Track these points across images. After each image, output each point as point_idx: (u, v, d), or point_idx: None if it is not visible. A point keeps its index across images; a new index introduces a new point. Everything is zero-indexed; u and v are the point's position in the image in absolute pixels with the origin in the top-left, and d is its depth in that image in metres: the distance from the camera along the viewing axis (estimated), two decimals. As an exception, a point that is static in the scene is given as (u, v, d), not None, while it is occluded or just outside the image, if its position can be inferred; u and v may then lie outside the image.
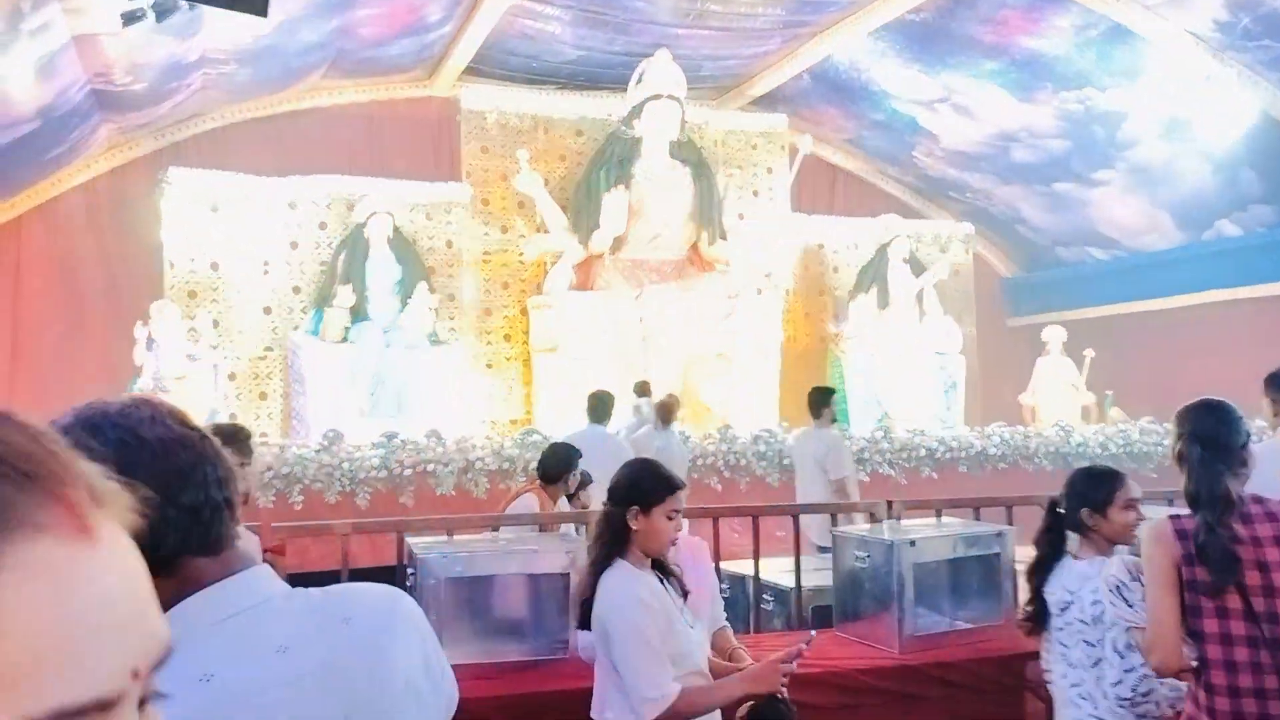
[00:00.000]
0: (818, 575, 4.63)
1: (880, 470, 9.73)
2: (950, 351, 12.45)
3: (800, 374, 12.77)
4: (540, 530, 4.29)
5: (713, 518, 4.66)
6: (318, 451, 8.26)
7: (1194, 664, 2.42)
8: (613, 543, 2.64)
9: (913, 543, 4.17)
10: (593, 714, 2.70)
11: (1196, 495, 2.44)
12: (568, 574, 3.57)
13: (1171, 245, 12.61)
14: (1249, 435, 2.53)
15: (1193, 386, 9.01)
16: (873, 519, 4.60)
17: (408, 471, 8.41)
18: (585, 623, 2.65)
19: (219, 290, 10.50)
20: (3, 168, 9.07)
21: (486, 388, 11.55)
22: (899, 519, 4.66)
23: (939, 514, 4.72)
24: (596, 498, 5.29)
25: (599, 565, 2.63)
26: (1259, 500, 2.44)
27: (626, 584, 2.58)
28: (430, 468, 8.47)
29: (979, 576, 4.37)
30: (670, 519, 2.76)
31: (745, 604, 4.93)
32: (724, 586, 5.15)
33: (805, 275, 13.06)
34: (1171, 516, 2.52)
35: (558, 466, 4.63)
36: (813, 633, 2.93)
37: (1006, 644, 4.20)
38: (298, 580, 3.86)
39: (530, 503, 4.51)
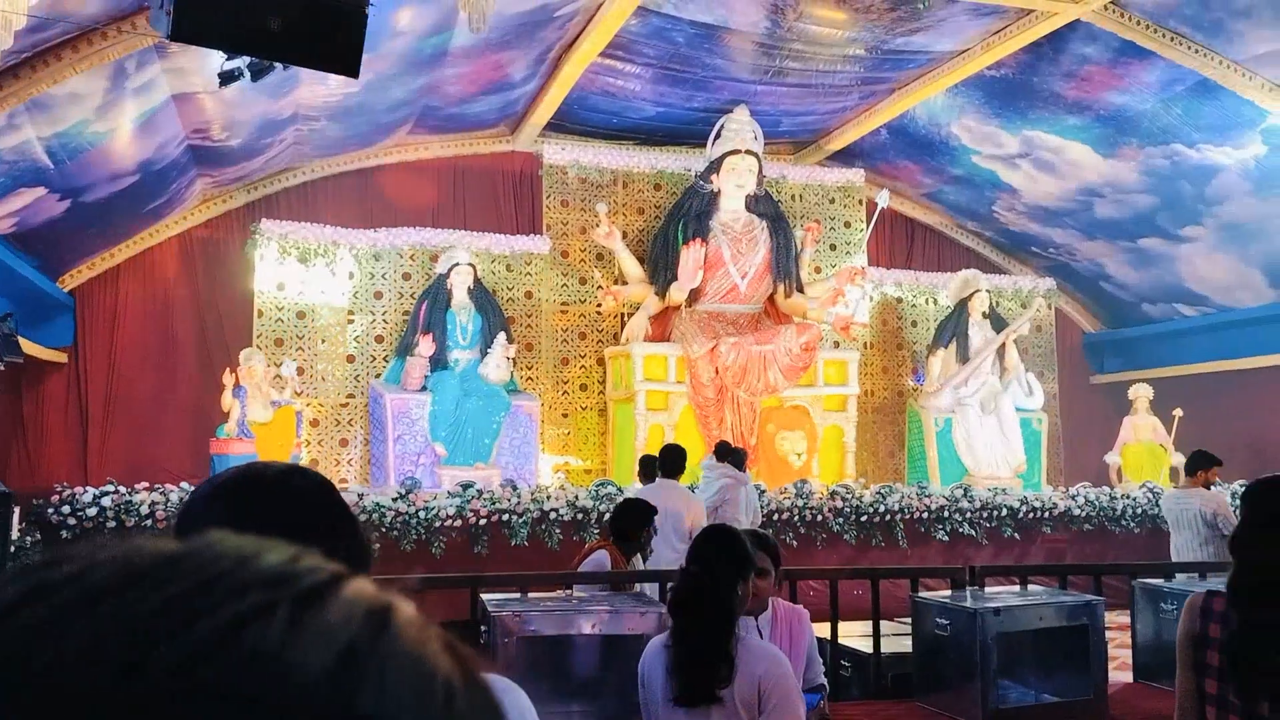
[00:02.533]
0: (897, 641, 4.53)
1: (960, 530, 9.51)
2: (1032, 408, 12.18)
3: (878, 429, 12.66)
4: (612, 589, 4.27)
5: (789, 580, 4.61)
6: (395, 500, 8.38)
7: None
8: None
9: (997, 612, 4.06)
10: None
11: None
12: (644, 635, 3.54)
13: (1263, 303, 12.21)
14: None
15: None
16: (954, 585, 4.50)
17: (483, 522, 8.47)
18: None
19: (305, 339, 10.79)
20: (104, 219, 9.49)
21: (563, 437, 11.63)
22: (981, 586, 4.55)
23: (1024, 581, 4.59)
24: (660, 554, 5.26)
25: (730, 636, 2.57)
26: None
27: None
28: (505, 518, 8.53)
29: (1067, 648, 4.23)
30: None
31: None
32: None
33: (883, 329, 12.95)
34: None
35: (631, 524, 4.62)
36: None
37: (1097, 718, 4.06)
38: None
39: (602, 560, 4.50)
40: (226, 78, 6.78)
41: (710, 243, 11.25)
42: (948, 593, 4.40)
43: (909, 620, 4.42)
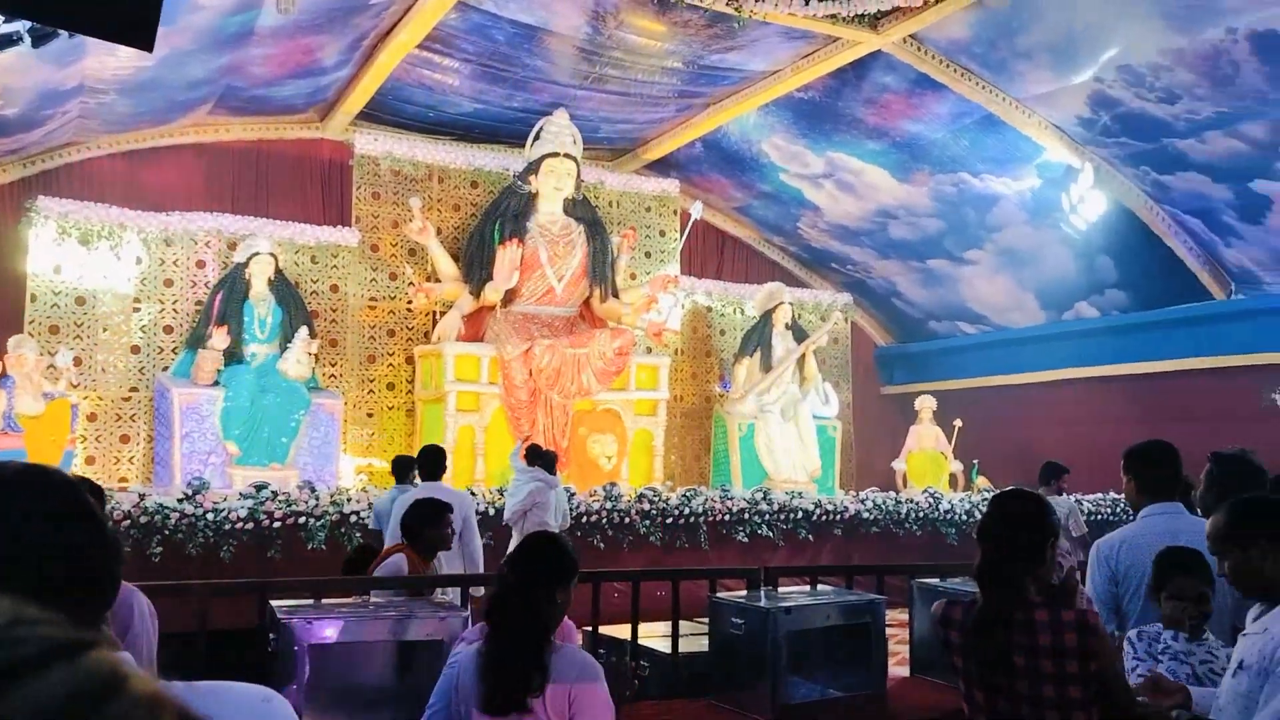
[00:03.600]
0: (696, 641, 4.64)
1: (759, 532, 9.85)
2: (828, 416, 12.77)
3: (686, 433, 12.96)
4: (411, 594, 4.16)
5: (594, 581, 4.64)
6: (180, 501, 7.88)
7: None
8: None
9: (788, 611, 4.23)
10: None
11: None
12: (442, 641, 3.47)
13: (1035, 323, 13.28)
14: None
15: (1049, 456, 9.42)
16: (749, 585, 4.65)
17: (277, 525, 8.10)
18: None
19: (84, 326, 10.03)
20: None
21: (367, 438, 11.29)
22: (775, 586, 4.73)
23: (813, 582, 4.80)
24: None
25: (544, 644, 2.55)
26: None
27: None
28: (302, 521, 8.19)
29: (851, 645, 4.45)
30: None
31: (624, 670, 4.90)
32: (601, 652, 5.12)
33: (693, 336, 13.28)
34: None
35: (424, 523, 4.43)
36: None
37: (878, 713, 4.29)
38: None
39: (399, 564, 4.35)
40: (4, 42, 6.21)
41: (527, 244, 11.20)
42: (744, 593, 4.54)
43: (708, 620, 4.53)
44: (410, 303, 11.33)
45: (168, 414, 9.80)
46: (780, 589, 4.71)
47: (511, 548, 4.84)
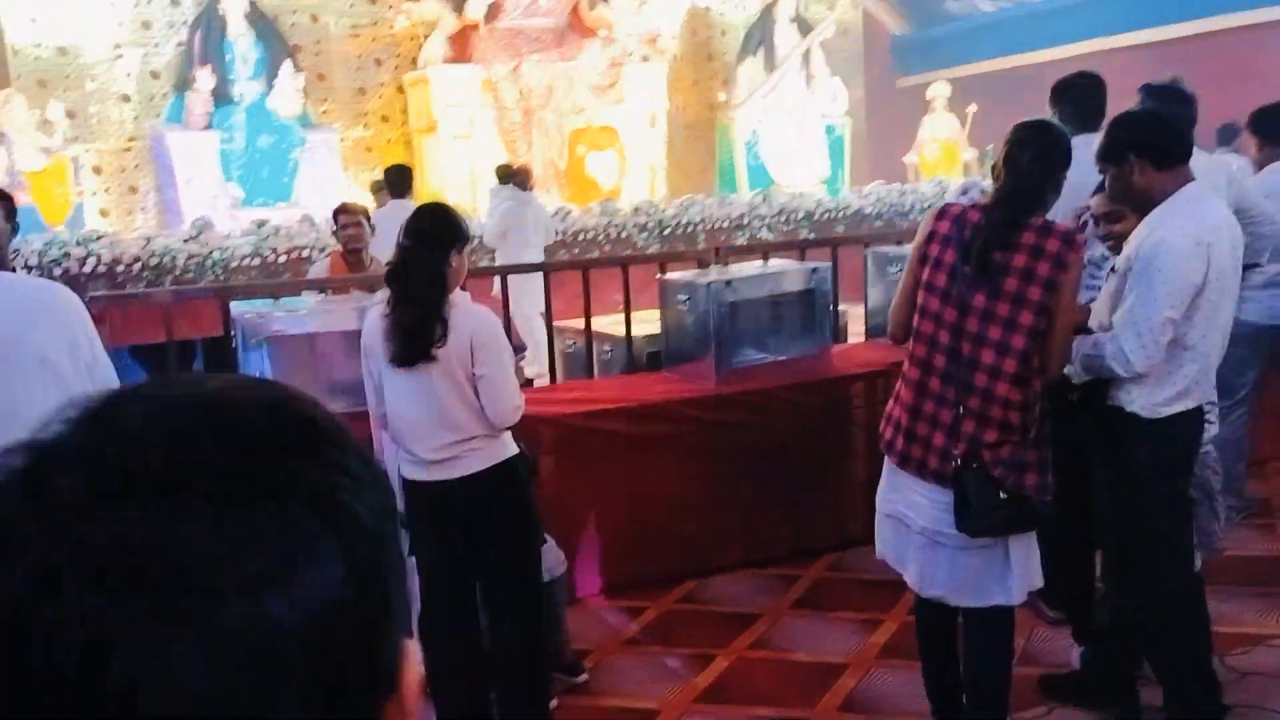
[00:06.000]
0: (651, 325, 4.82)
1: (760, 235, 9.91)
2: (837, 114, 12.44)
3: (689, 145, 12.74)
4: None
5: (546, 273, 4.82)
6: (186, 241, 8.12)
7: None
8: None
9: (728, 283, 4.36)
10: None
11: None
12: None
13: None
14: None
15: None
16: (700, 265, 4.77)
17: (282, 259, 8.35)
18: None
19: (71, 78, 9.96)
20: None
21: (368, 173, 11.31)
22: (725, 264, 4.85)
23: (765, 257, 4.90)
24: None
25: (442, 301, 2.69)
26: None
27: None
28: (305, 254, 8.42)
29: (798, 313, 4.61)
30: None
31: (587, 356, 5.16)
32: (570, 342, 5.38)
33: (693, 40, 12.76)
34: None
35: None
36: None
37: (824, 371, 4.51)
38: (120, 352, 3.90)
39: (323, 266, 4.68)
40: None
41: (506, -49, 10.66)
42: (694, 271, 4.67)
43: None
44: (393, 26, 10.98)
45: (167, 161, 9.89)
46: (731, 266, 4.83)
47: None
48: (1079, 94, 3.66)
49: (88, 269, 7.69)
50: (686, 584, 4.16)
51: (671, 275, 4.62)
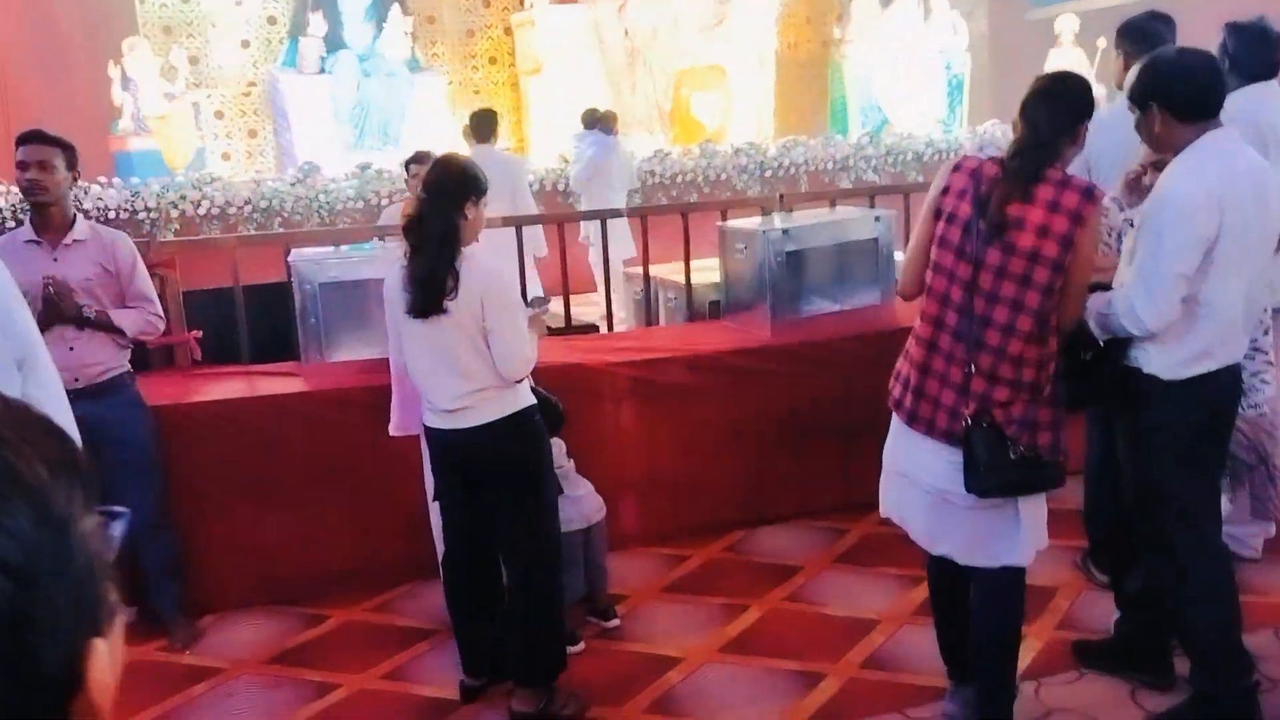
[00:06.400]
0: (714, 273, 4.78)
1: (864, 176, 9.63)
2: (956, 50, 11.89)
3: (801, 84, 12.39)
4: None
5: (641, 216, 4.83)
6: (293, 184, 8.43)
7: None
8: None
9: (785, 231, 4.28)
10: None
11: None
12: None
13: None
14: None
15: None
16: (764, 212, 4.68)
17: (385, 202, 8.57)
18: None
19: (194, 25, 10.38)
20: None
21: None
22: (790, 211, 4.74)
23: (833, 204, 4.77)
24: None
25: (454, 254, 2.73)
26: None
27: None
28: (408, 196, 8.62)
29: (860, 263, 4.49)
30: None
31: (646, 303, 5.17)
32: (638, 290, 5.38)
33: (806, -26, 12.36)
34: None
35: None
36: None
37: (884, 323, 4.39)
38: (191, 297, 4.13)
39: (394, 211, 4.70)
40: None
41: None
42: (754, 219, 4.59)
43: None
44: (501, -33, 11.00)
45: (282, 106, 10.24)
46: (795, 213, 4.72)
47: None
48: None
49: (202, 211, 8.07)
50: (735, 533, 4.16)
51: (731, 223, 4.55)
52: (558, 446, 3.46)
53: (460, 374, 2.76)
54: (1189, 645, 2.68)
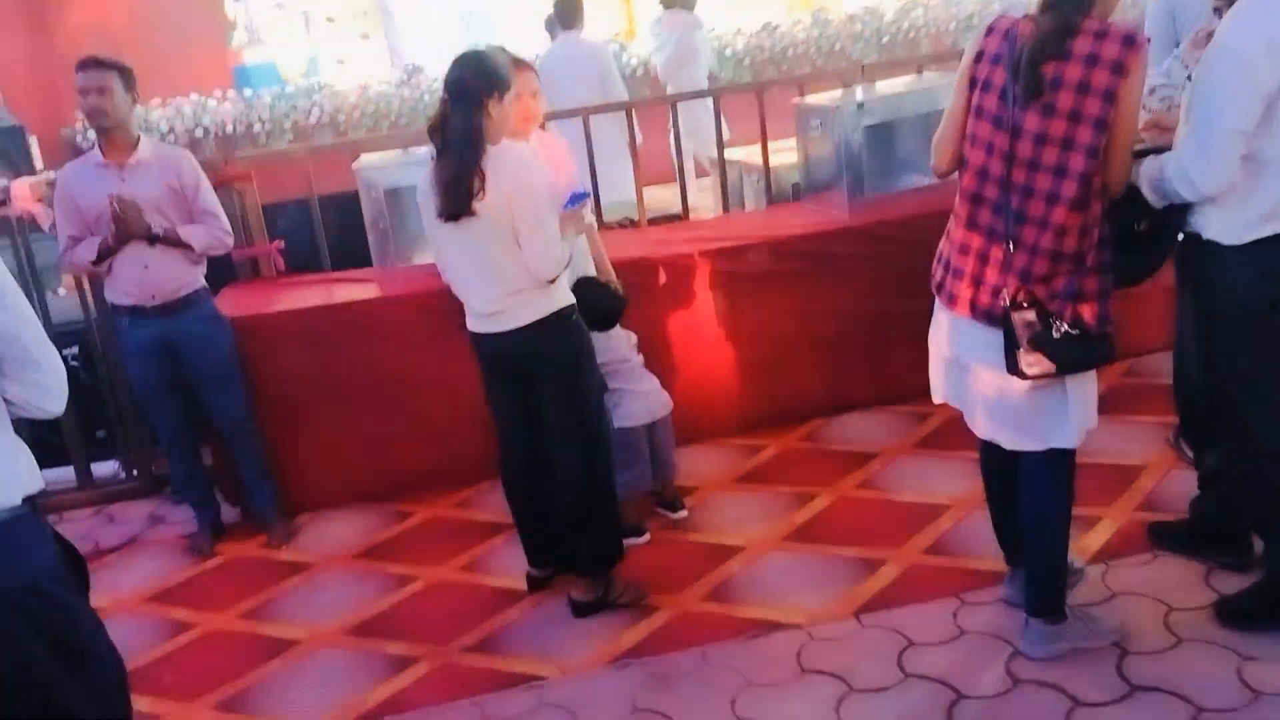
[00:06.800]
0: (793, 155, 4.59)
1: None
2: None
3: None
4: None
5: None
6: (398, 86, 8.52)
7: None
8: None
9: (860, 105, 4.06)
10: None
11: None
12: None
13: None
14: None
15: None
16: (844, 85, 4.43)
17: (489, 98, 8.57)
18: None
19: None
20: None
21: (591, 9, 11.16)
22: (871, 81, 4.47)
23: (920, 70, 4.48)
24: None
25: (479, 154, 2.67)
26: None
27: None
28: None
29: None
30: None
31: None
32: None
33: None
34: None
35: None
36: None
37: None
38: (270, 211, 4.24)
39: None
40: None
41: None
42: (831, 93, 4.35)
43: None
44: None
45: (388, 8, 10.27)
46: (877, 84, 4.45)
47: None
48: None
49: (313, 120, 8.28)
50: (814, 422, 4.10)
51: (808, 99, 4.34)
52: (626, 339, 3.46)
53: (494, 277, 2.76)
54: (1262, 528, 2.51)
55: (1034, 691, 2.43)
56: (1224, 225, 2.28)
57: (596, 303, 3.18)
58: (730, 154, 5.20)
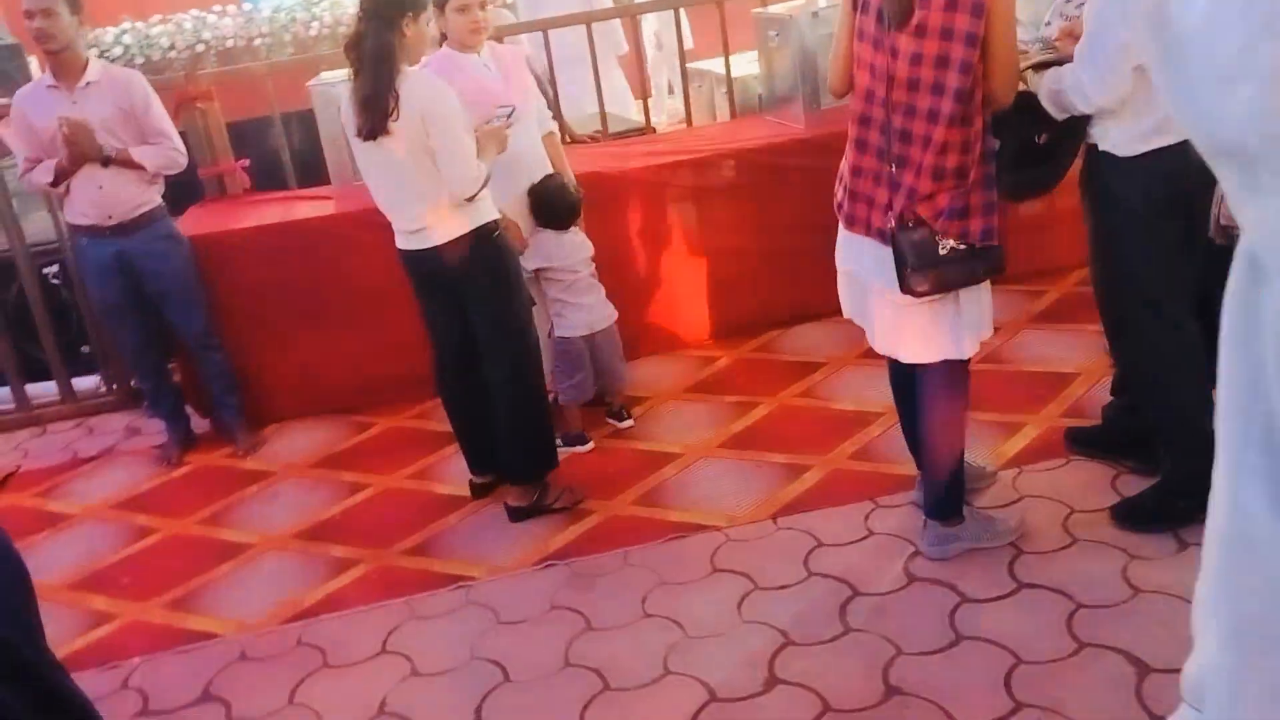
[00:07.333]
0: (755, 65, 4.56)
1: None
2: None
3: None
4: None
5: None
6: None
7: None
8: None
9: (815, 14, 4.01)
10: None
11: None
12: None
13: None
14: None
15: None
16: (807, -6, 4.36)
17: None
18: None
19: None
20: None
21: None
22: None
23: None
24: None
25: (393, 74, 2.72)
26: None
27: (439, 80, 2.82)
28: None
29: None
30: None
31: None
32: (697, 84, 5.20)
33: None
34: None
35: None
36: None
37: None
38: (237, 128, 4.30)
39: None
40: None
41: None
42: (798, 1, 4.30)
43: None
44: None
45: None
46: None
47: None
48: None
49: (313, 32, 8.26)
50: (770, 333, 4.16)
51: (769, 9, 4.29)
52: (584, 249, 3.51)
53: (414, 195, 2.82)
54: (1158, 429, 2.55)
55: (925, 589, 2.52)
56: (1119, 136, 2.29)
57: (551, 198, 3.26)
58: (702, 65, 5.18)
